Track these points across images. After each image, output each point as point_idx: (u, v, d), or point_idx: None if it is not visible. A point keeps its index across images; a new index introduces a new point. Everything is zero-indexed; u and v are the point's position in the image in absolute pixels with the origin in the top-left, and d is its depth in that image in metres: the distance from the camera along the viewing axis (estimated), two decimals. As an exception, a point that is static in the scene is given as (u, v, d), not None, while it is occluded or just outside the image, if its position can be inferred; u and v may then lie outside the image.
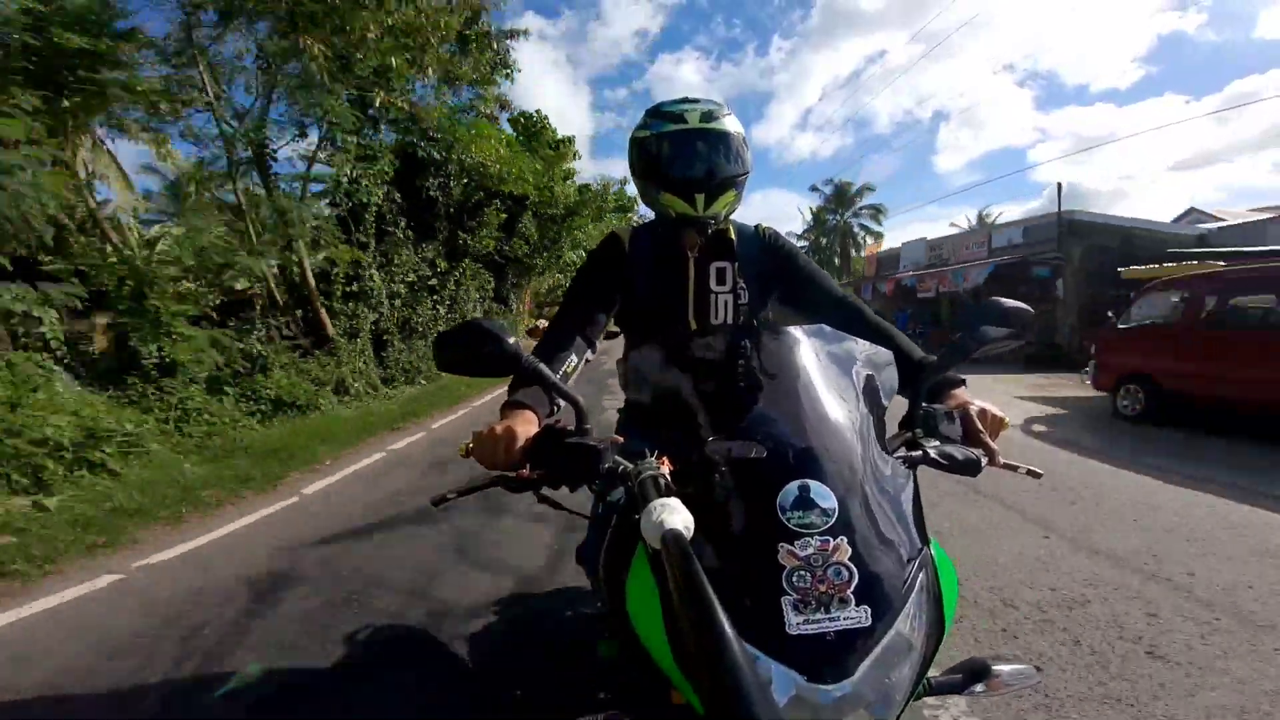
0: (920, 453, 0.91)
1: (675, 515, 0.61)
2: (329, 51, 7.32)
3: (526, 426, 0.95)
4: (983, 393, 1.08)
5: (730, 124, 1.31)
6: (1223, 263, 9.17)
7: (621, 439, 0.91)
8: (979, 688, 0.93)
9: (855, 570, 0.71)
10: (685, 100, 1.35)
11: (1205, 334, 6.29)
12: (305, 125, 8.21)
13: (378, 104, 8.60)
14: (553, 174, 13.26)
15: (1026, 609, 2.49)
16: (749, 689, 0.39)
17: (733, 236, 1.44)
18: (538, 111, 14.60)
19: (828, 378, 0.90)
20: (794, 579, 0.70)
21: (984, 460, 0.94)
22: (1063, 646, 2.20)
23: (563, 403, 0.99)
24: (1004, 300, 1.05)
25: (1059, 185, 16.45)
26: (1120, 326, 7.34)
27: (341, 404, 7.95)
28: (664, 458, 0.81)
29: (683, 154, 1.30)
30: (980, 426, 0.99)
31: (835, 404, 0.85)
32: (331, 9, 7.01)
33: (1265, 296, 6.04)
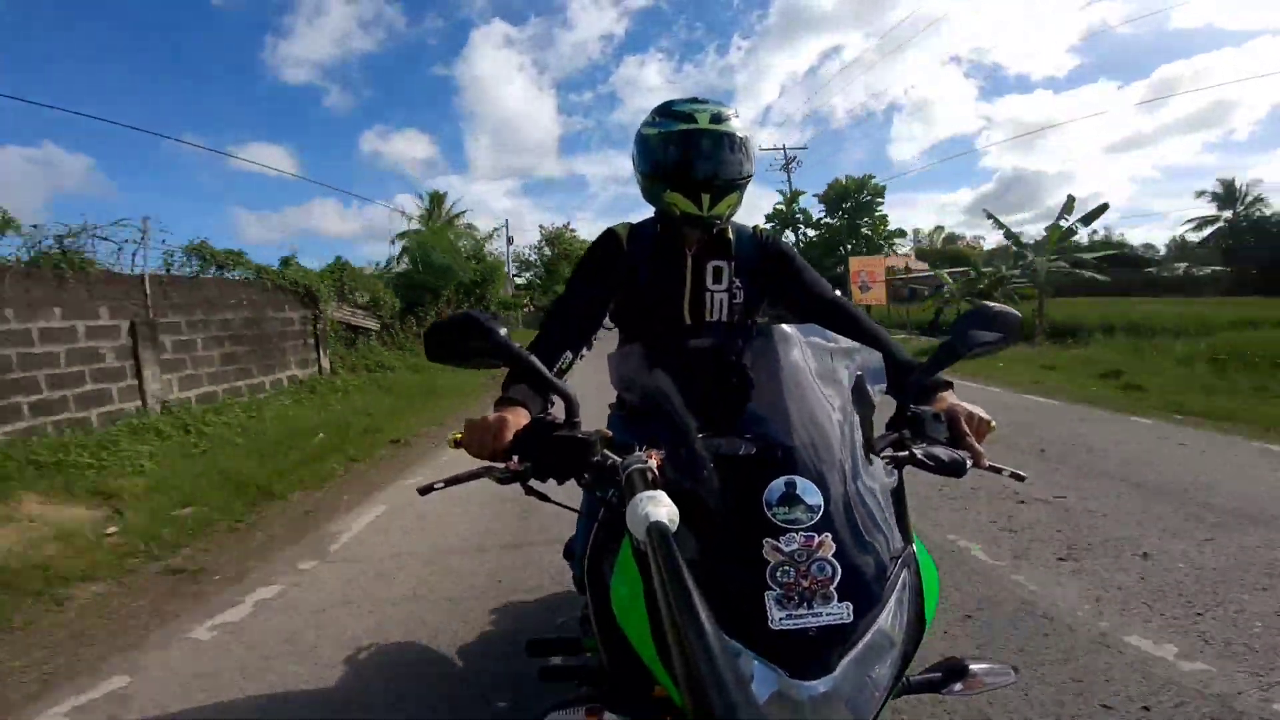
0: (907, 453, 0.92)
1: (660, 508, 0.61)
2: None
3: (517, 418, 0.95)
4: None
5: (739, 126, 1.31)
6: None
7: (610, 433, 0.91)
8: (957, 687, 0.94)
9: (839, 566, 0.71)
10: (695, 100, 1.35)
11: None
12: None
13: None
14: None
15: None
16: (729, 684, 0.39)
17: (731, 236, 1.45)
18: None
19: (818, 377, 0.90)
20: (778, 574, 0.70)
21: (969, 462, 0.94)
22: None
23: (556, 398, 0.99)
24: (992, 304, 1.07)
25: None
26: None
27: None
28: (652, 452, 0.81)
29: (691, 154, 1.29)
30: (967, 429, 1.00)
31: (824, 403, 0.86)
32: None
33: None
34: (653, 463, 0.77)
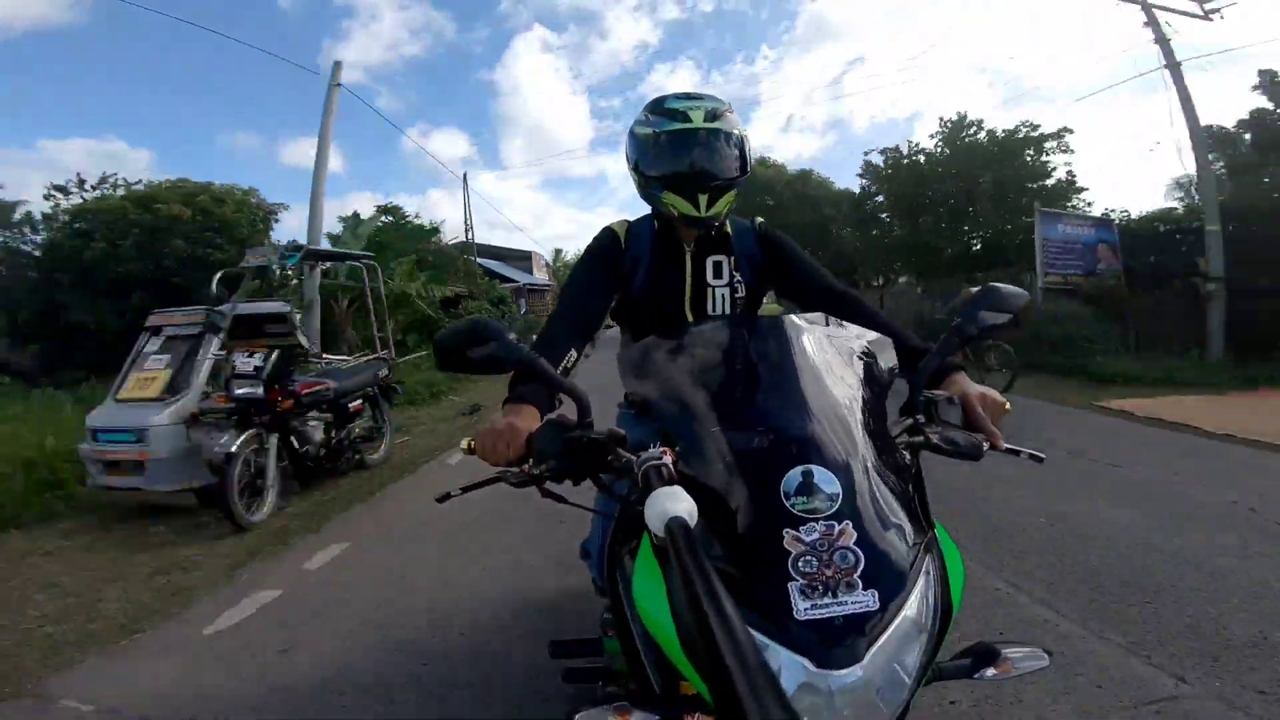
0: (922, 438, 0.91)
1: (679, 503, 0.61)
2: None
3: (529, 421, 0.95)
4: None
5: (734, 123, 1.29)
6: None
7: (623, 431, 0.90)
8: (988, 672, 0.93)
9: (862, 554, 0.70)
10: (688, 97, 1.32)
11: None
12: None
13: None
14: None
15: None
16: (757, 677, 0.38)
17: (729, 230, 1.44)
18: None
19: (828, 365, 0.89)
20: (800, 564, 0.70)
21: (986, 445, 0.93)
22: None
23: (564, 397, 0.98)
24: (1002, 286, 1.05)
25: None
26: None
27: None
28: (666, 448, 0.81)
29: (687, 154, 1.27)
30: (981, 412, 0.98)
31: (836, 391, 0.85)
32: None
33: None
34: (668, 459, 0.76)
